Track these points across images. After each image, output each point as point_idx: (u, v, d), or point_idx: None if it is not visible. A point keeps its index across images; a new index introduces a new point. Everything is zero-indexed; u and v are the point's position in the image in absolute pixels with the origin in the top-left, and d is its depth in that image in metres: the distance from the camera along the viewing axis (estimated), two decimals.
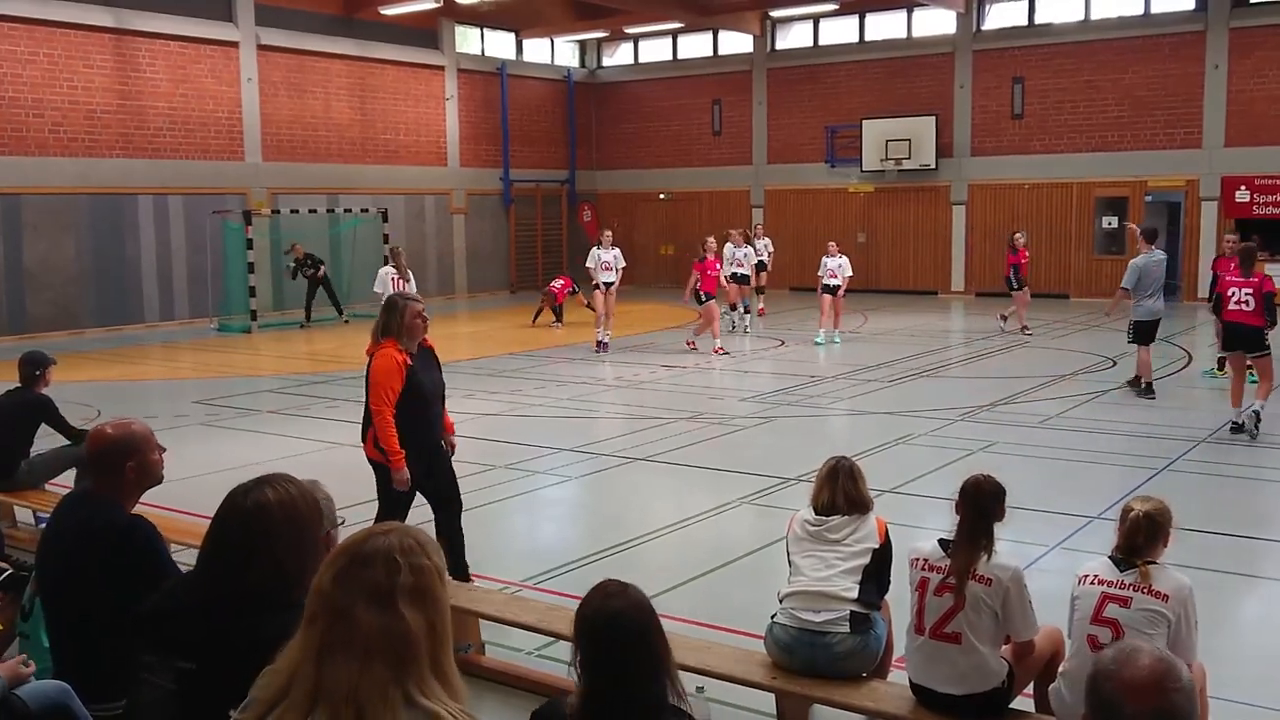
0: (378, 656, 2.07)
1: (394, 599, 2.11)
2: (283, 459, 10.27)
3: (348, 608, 2.10)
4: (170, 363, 18.66)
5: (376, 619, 2.09)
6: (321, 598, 2.15)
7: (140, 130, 22.03)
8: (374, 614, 2.09)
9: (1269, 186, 23.55)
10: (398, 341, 6.39)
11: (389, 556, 2.16)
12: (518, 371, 16.07)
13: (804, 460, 9.67)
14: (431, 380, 6.66)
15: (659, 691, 2.81)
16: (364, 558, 2.16)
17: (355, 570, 2.14)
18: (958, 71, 26.90)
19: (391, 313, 6.43)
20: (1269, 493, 9.45)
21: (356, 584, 2.12)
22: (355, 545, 2.20)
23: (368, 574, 2.13)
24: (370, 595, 2.11)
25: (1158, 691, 2.14)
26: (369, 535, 2.23)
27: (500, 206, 29.90)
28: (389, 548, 2.17)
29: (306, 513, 2.82)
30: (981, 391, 13.84)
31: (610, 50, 32.64)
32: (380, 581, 2.13)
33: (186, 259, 22.76)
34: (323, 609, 2.13)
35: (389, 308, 6.52)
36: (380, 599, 2.11)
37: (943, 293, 27.48)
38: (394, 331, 6.39)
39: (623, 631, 2.82)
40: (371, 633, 2.08)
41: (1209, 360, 15.83)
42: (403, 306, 6.44)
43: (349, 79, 25.88)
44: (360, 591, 2.11)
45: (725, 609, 6.50)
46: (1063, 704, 4.26)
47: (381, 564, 2.15)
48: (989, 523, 4.44)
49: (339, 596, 2.12)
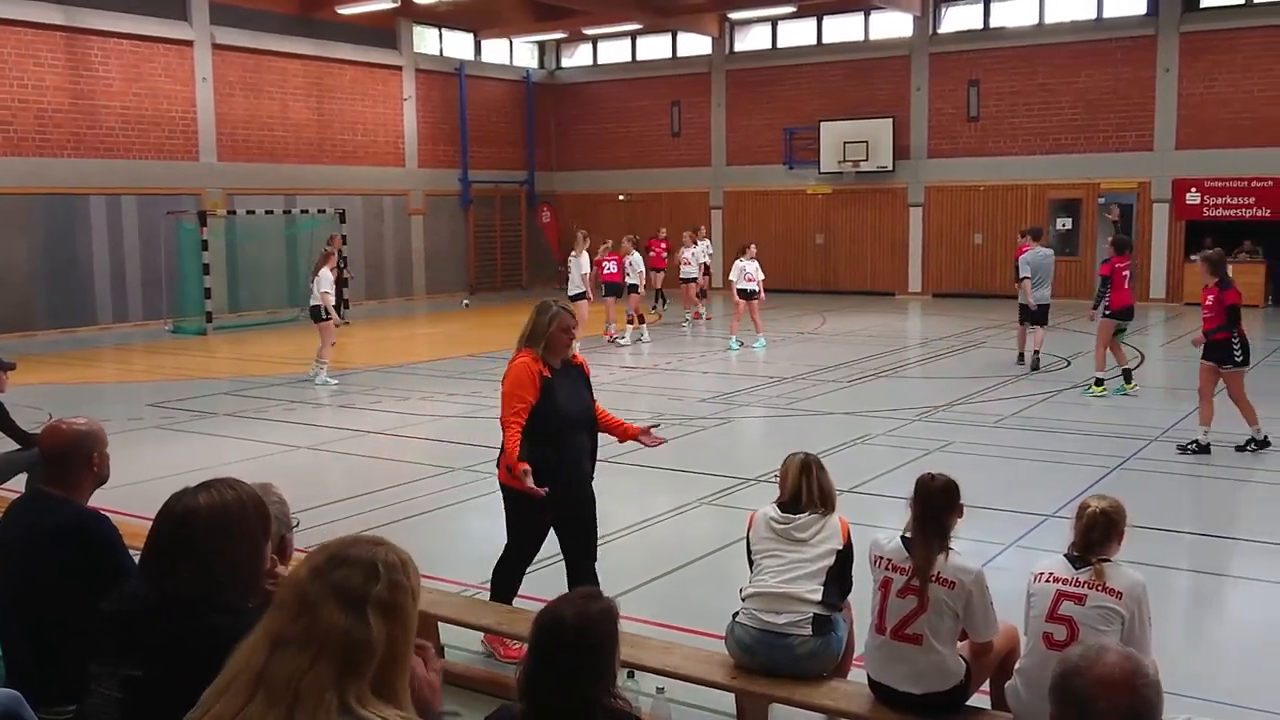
0: (328, 657, 2.05)
1: (365, 606, 2.09)
2: (239, 462, 10.18)
3: (316, 603, 2.08)
4: (124, 365, 18.43)
5: (341, 620, 2.07)
6: (293, 588, 2.13)
7: (93, 130, 21.75)
8: (340, 615, 2.07)
9: (1219, 189, 23.92)
10: (534, 350, 5.69)
11: (371, 564, 2.14)
12: (477, 373, 16.01)
13: (763, 461, 9.70)
14: (576, 403, 5.80)
15: (596, 693, 2.81)
16: (345, 559, 2.15)
17: (333, 569, 2.13)
18: (914, 74, 27.12)
19: (541, 315, 5.73)
20: (1218, 490, 9.59)
21: (331, 582, 2.11)
22: (339, 546, 2.19)
23: (345, 574, 2.12)
24: (342, 596, 2.09)
25: (1129, 688, 2.18)
26: (356, 541, 2.21)
27: (459, 207, 29.78)
28: (373, 556, 2.16)
29: (239, 517, 2.77)
30: (938, 392, 13.95)
31: (569, 51, 32.61)
32: (356, 585, 2.11)
33: (141, 260, 22.49)
34: (291, 599, 2.11)
35: (541, 310, 5.77)
36: (351, 602, 2.09)
37: (900, 294, 27.68)
38: (536, 338, 5.69)
39: (566, 637, 2.82)
40: (331, 632, 2.06)
41: (1161, 360, 16.09)
42: (554, 313, 5.73)
43: (306, 79, 25.68)
44: (333, 590, 2.10)
45: (686, 609, 6.51)
46: (1019, 701, 4.31)
47: (361, 569, 2.13)
48: (941, 519, 4.47)
49: (311, 590, 2.10)
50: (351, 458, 11.04)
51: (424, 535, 8.26)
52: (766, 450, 10.51)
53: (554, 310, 5.74)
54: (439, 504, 9.12)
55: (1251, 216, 23.68)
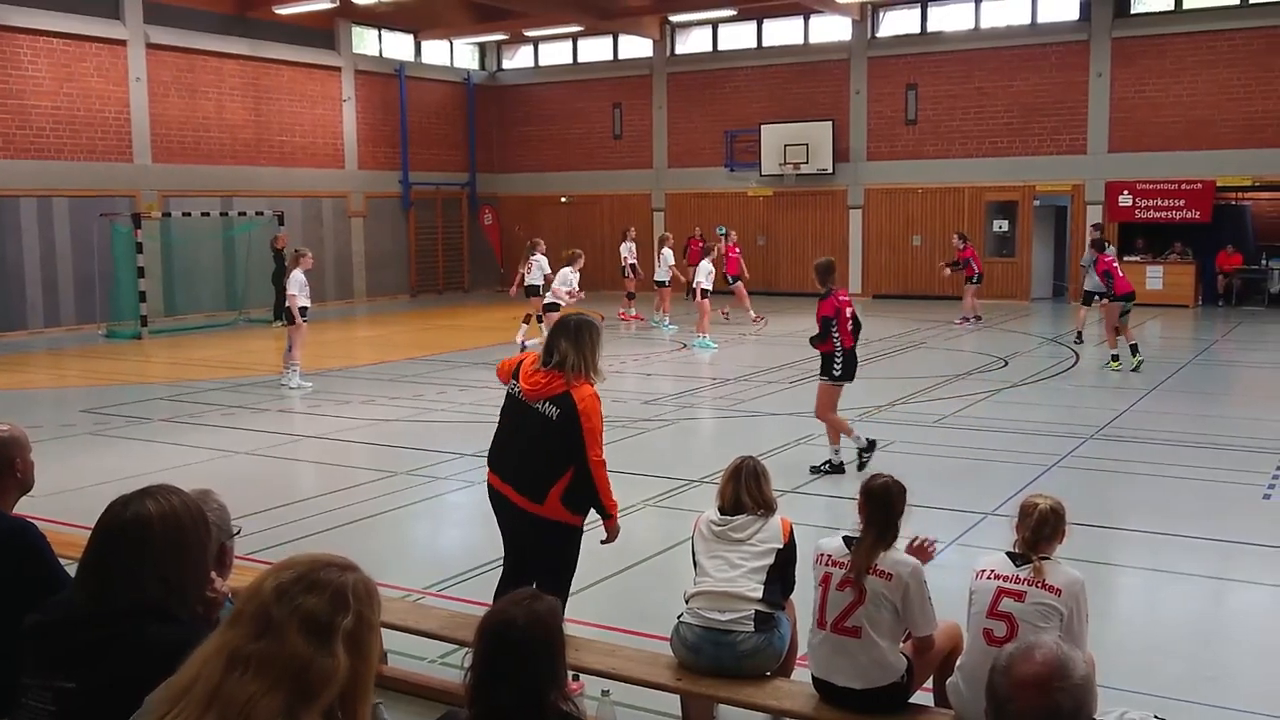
0: (286, 684, 2.00)
1: (332, 637, 2.04)
2: (176, 468, 10.02)
3: (281, 627, 2.03)
4: (56, 370, 18.06)
5: (305, 650, 2.01)
6: (256, 603, 2.06)
7: (22, 130, 21.29)
8: (305, 644, 2.02)
9: (1150, 191, 24.39)
10: (590, 379, 5.38)
11: (341, 593, 2.09)
12: (419, 376, 15.90)
13: (707, 462, 9.73)
14: None
15: (544, 694, 2.79)
16: (315, 583, 2.08)
17: (301, 592, 2.06)
18: (853, 78, 27.36)
19: (595, 335, 5.40)
20: (1154, 487, 9.76)
21: (298, 607, 2.05)
22: (309, 566, 2.12)
23: (313, 601, 2.06)
24: (309, 624, 2.03)
25: (1042, 690, 2.21)
26: (329, 563, 2.15)
27: (400, 210, 29.55)
28: (344, 585, 2.10)
29: (190, 525, 2.73)
30: (879, 392, 14.08)
31: (510, 53, 32.49)
32: (323, 613, 2.05)
33: (73, 263, 22.04)
34: (254, 616, 2.05)
35: (586, 331, 5.38)
36: (318, 632, 2.03)
37: None
38: (593, 367, 5.39)
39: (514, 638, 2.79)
40: (294, 659, 2.01)
41: (1097, 358, 16.38)
42: (598, 333, 5.44)
43: (242, 79, 25.33)
44: (300, 615, 2.04)
45: (631, 611, 6.52)
46: (960, 697, 4.36)
47: (331, 597, 2.07)
48: (894, 522, 4.55)
49: (276, 612, 2.04)
50: (292, 463, 10.91)
51: (368, 540, 8.19)
52: (710, 452, 10.55)
53: (598, 331, 5.48)
54: (382, 509, 9.04)
55: (1182, 219, 24.16)
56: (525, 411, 5.36)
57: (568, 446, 5.24)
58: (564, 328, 5.42)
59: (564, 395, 5.25)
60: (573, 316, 5.57)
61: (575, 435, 5.22)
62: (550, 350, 5.36)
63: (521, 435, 5.41)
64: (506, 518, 5.56)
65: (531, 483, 5.33)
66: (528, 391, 5.35)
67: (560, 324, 5.51)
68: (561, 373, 5.28)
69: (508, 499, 5.46)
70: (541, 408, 5.29)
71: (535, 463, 5.32)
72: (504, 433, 5.57)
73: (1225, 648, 6.21)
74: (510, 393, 5.51)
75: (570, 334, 5.34)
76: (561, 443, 5.25)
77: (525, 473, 5.36)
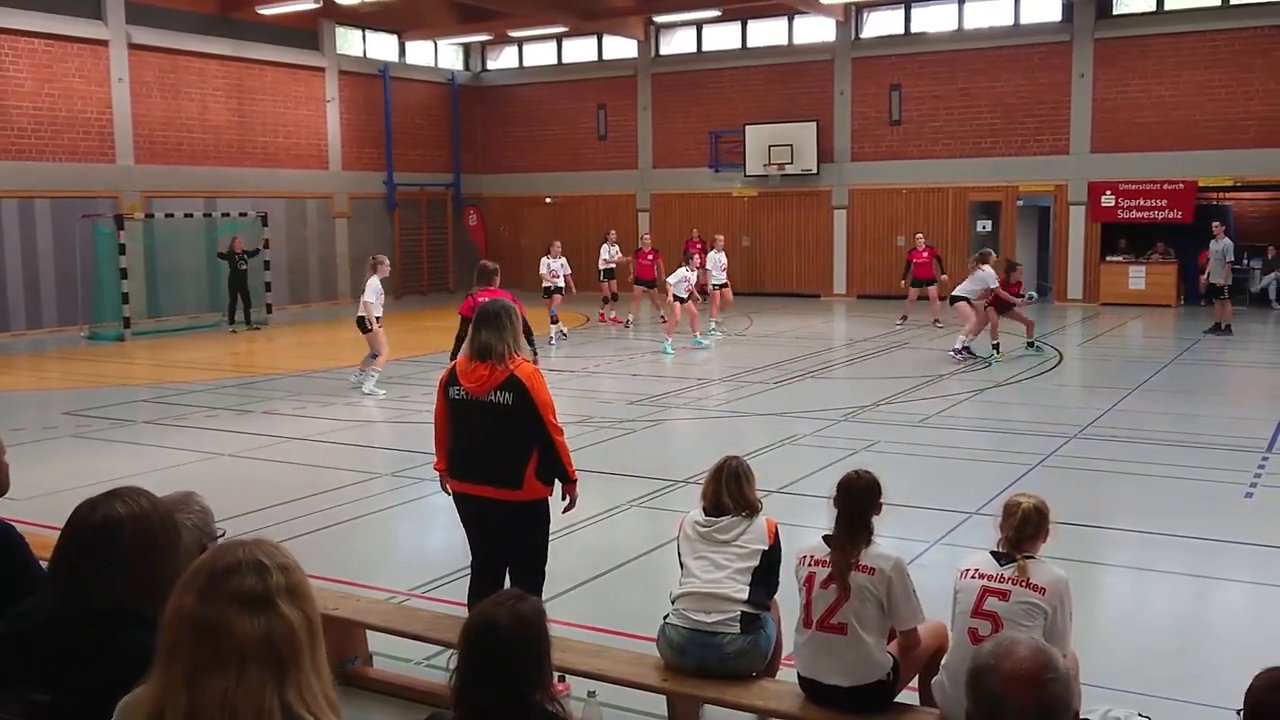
0: (254, 664, 2.00)
1: (272, 600, 2.05)
2: (159, 470, 9.97)
3: (220, 622, 2.01)
4: (38, 372, 17.96)
5: (255, 624, 2.01)
6: (185, 620, 2.04)
7: (4, 131, 21.16)
8: (252, 620, 2.02)
9: (1132, 192, 24.50)
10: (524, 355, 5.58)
11: (255, 562, 2.09)
12: (405, 377, 15.86)
13: (692, 462, 9.74)
14: None
15: (529, 695, 2.78)
16: (227, 569, 2.07)
17: (221, 583, 2.05)
18: (837, 78, 27.41)
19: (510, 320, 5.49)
20: (1137, 485, 9.80)
21: (226, 595, 2.04)
22: (212, 562, 2.11)
23: (237, 582, 2.05)
24: (245, 602, 2.03)
25: (1037, 684, 2.21)
26: (223, 550, 2.14)
27: (384, 210, 29.48)
28: (251, 555, 2.10)
29: (160, 527, 2.69)
30: (864, 392, 14.12)
31: (494, 53, 32.45)
32: (253, 586, 2.05)
33: (55, 264, 21.91)
34: (189, 631, 2.03)
35: (504, 315, 5.49)
36: (257, 603, 2.04)
37: (825, 295, 27.96)
38: (520, 345, 5.54)
39: (499, 640, 2.78)
40: (248, 640, 2.00)
41: (1079, 358, 16.43)
42: (515, 313, 5.57)
43: (226, 80, 25.23)
44: (233, 601, 2.03)
45: (617, 612, 6.51)
46: (945, 696, 4.37)
47: (250, 571, 2.07)
48: (866, 515, 4.56)
49: (208, 613, 2.02)
50: (276, 465, 10.87)
51: (352, 542, 8.17)
52: (696, 452, 10.55)
53: (512, 308, 5.55)
54: (365, 510, 9.02)
55: (1164, 219, 24.28)
56: (478, 408, 5.43)
57: (529, 425, 5.38)
58: (483, 319, 5.49)
59: (510, 379, 5.36)
60: (488, 305, 5.62)
61: (533, 412, 5.36)
62: (477, 345, 5.45)
63: (481, 433, 5.45)
64: (482, 518, 5.59)
65: (509, 473, 5.40)
66: (473, 389, 5.42)
67: (479, 316, 5.56)
68: (499, 361, 5.38)
69: (486, 499, 5.50)
70: (494, 398, 5.38)
71: (505, 452, 5.40)
72: (461, 439, 5.57)
73: (1208, 646, 6.24)
74: (454, 399, 5.53)
75: (490, 323, 5.44)
76: (524, 423, 5.37)
77: (500, 466, 5.42)
